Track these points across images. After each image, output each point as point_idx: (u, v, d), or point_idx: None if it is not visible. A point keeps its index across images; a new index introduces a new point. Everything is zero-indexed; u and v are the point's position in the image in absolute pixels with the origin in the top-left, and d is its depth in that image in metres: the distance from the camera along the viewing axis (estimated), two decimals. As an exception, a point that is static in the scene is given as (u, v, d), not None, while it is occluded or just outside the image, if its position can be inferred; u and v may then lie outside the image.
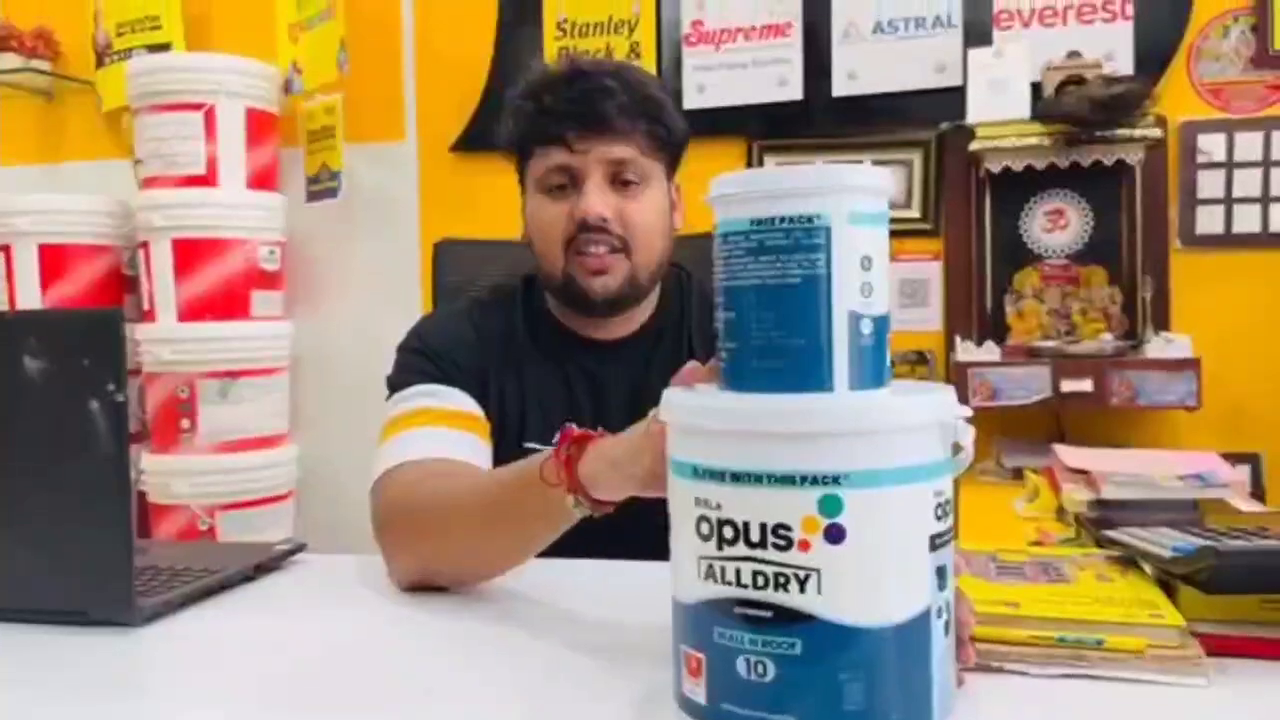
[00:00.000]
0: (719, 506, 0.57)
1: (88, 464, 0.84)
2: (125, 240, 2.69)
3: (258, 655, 0.82)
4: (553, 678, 0.74)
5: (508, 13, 2.66)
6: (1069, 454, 1.69)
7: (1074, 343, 2.17)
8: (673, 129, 1.15)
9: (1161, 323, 2.22)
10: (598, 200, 1.09)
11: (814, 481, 0.55)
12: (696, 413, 0.60)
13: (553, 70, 1.16)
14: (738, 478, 0.57)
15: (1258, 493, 2.11)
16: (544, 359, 1.19)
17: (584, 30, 2.59)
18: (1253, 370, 2.23)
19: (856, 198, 0.59)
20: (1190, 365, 2.02)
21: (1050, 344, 2.17)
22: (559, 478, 0.83)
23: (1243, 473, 2.03)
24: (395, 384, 1.14)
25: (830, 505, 0.55)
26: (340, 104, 2.61)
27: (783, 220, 0.58)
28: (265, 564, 1.05)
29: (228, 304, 2.56)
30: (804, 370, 0.59)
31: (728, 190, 0.61)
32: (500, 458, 1.07)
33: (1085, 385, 2.02)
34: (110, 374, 0.83)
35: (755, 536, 0.56)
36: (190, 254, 2.53)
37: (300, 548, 1.11)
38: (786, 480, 0.55)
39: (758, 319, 0.60)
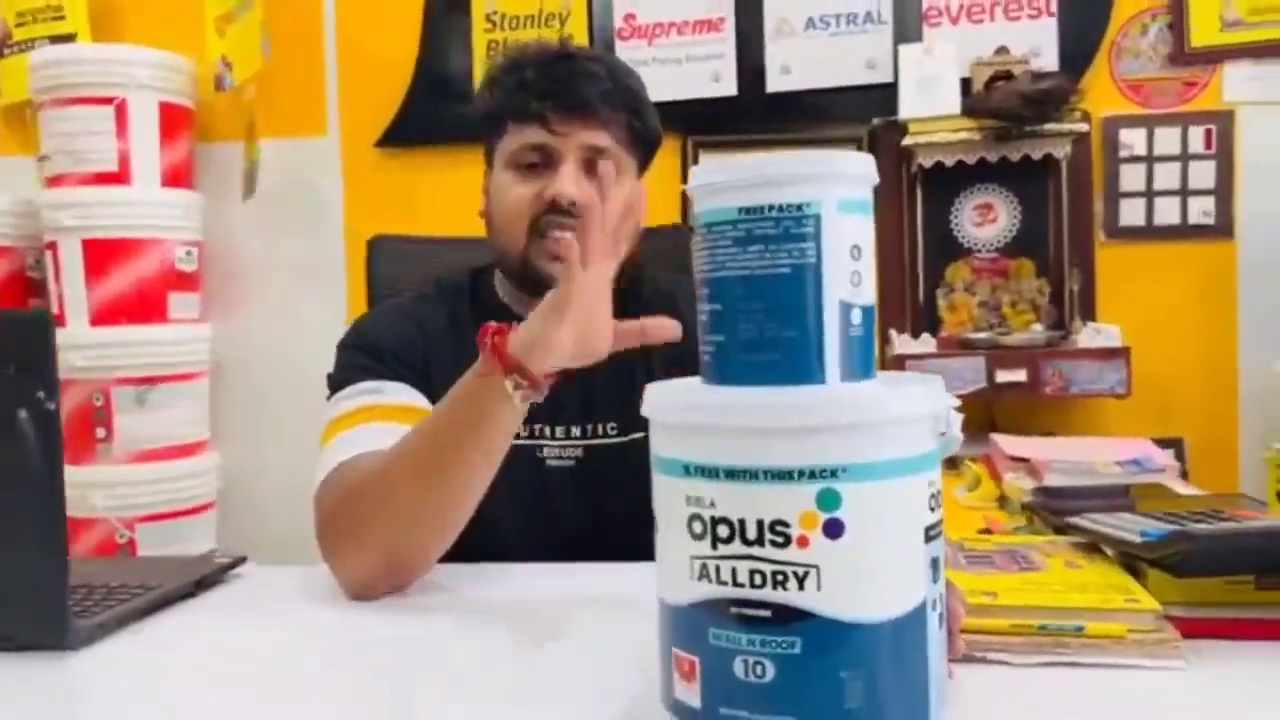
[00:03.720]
0: (713, 504, 0.55)
1: (16, 478, 0.78)
2: (30, 241, 2.56)
3: (203, 676, 0.77)
4: (527, 685, 0.72)
5: (435, 3, 2.60)
6: (1008, 443, 1.72)
7: (1006, 334, 2.21)
8: (650, 125, 1.14)
9: (1088, 313, 2.28)
10: (572, 184, 1.07)
11: (812, 476, 0.53)
12: (686, 409, 0.58)
13: (538, 47, 1.13)
14: (732, 474, 0.55)
15: (1182, 475, 2.18)
16: None
17: (514, 23, 2.54)
18: (1176, 357, 2.30)
19: (846, 185, 0.58)
20: (1120, 354, 2.08)
21: (983, 335, 2.21)
22: (492, 364, 0.84)
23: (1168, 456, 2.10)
24: (336, 383, 1.09)
25: (829, 500, 0.53)
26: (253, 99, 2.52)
27: (772, 209, 0.57)
28: (206, 579, 1.00)
29: (143, 307, 2.46)
30: (795, 362, 0.57)
31: (713, 179, 0.59)
32: None
33: (1020, 375, 2.06)
34: (40, 381, 0.77)
35: (752, 534, 0.54)
36: (102, 255, 2.42)
37: (241, 560, 1.06)
38: (784, 475, 0.54)
39: (746, 311, 0.58)
